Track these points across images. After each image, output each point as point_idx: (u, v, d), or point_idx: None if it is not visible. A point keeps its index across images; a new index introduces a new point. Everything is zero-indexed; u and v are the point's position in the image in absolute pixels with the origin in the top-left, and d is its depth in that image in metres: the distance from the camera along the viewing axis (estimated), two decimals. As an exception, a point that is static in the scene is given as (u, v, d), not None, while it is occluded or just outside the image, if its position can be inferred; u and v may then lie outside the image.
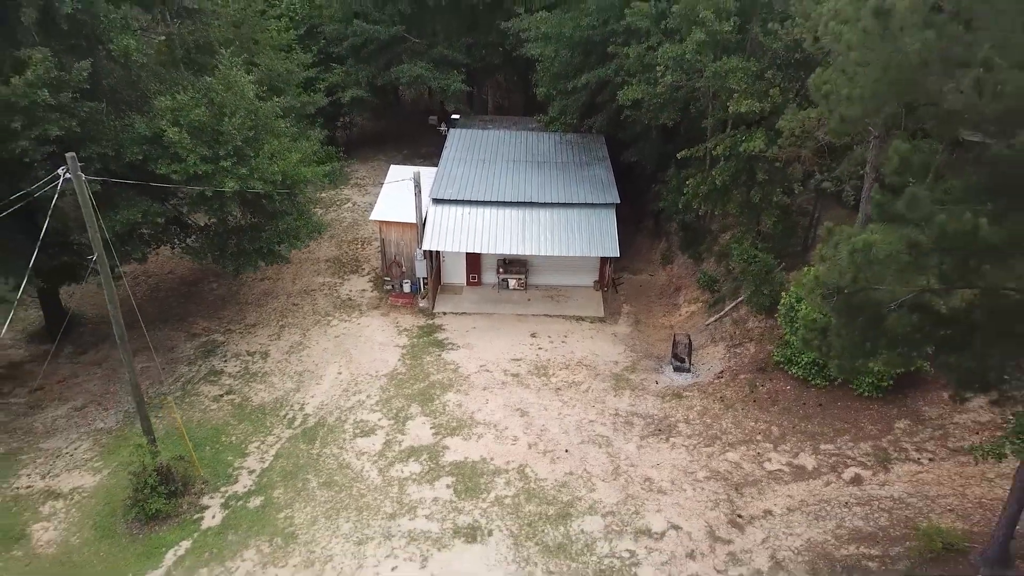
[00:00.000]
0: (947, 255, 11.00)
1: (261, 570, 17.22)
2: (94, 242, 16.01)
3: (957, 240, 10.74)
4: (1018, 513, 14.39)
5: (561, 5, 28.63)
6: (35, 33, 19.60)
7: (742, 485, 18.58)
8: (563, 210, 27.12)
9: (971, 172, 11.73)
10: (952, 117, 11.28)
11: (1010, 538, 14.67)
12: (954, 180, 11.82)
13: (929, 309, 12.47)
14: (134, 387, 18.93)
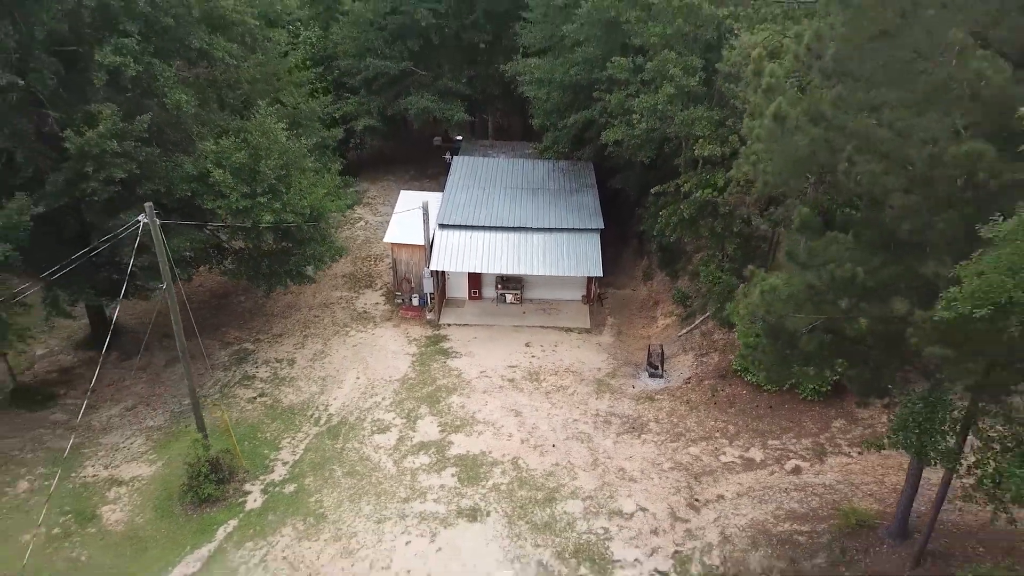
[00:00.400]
0: (837, 294, 14.34)
1: (297, 544, 20.58)
2: (164, 274, 19.40)
3: (843, 284, 14.09)
4: (913, 495, 17.73)
5: (551, 51, 32.01)
6: (103, 90, 23.01)
7: (700, 474, 21.95)
8: (553, 234, 30.53)
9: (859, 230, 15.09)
10: (839, 188, 14.68)
11: (908, 515, 18.01)
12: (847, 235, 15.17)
13: (837, 332, 15.80)
14: (192, 392, 22.31)
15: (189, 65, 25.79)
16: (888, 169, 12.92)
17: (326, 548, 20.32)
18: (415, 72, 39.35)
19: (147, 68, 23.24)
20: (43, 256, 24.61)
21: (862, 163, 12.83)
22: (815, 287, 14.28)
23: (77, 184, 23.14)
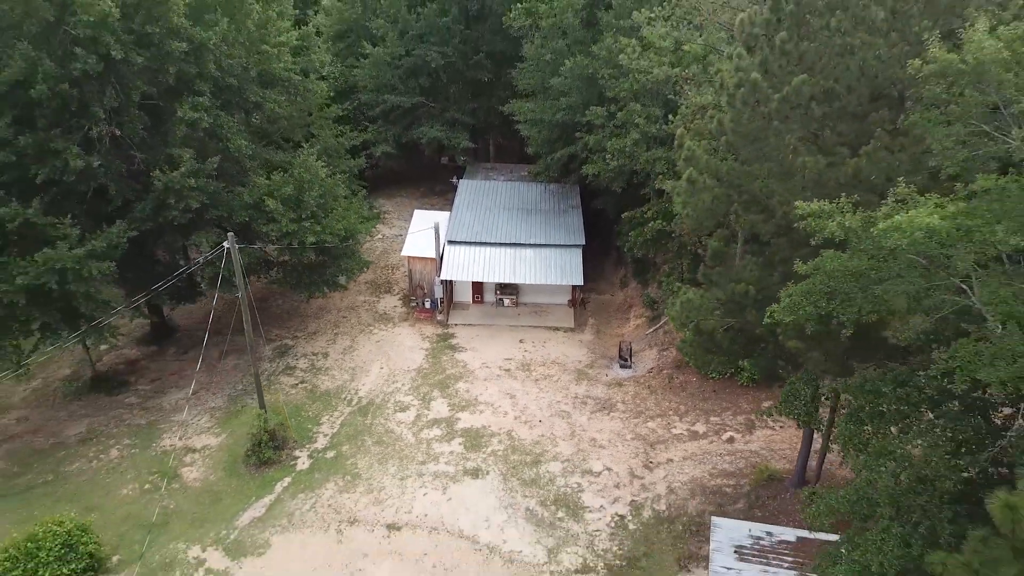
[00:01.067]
0: (735, 305, 19.84)
1: (338, 495, 26.15)
2: (240, 288, 24.97)
3: (740, 298, 19.58)
4: (807, 453, 23.26)
5: (542, 95, 37.51)
6: (183, 139, 28.57)
7: (655, 443, 27.50)
8: (543, 249, 36.09)
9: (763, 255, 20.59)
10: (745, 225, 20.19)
11: (804, 469, 23.54)
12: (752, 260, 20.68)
13: (743, 331, 21.32)
14: (256, 377, 27.97)
15: (245, 114, 31.36)
16: (764, 219, 18.49)
17: (361, 499, 25.90)
18: (426, 104, 44.86)
19: (215, 119, 28.84)
20: (130, 269, 30.35)
21: (745, 214, 18.36)
22: (721, 299, 19.85)
23: (161, 212, 28.74)
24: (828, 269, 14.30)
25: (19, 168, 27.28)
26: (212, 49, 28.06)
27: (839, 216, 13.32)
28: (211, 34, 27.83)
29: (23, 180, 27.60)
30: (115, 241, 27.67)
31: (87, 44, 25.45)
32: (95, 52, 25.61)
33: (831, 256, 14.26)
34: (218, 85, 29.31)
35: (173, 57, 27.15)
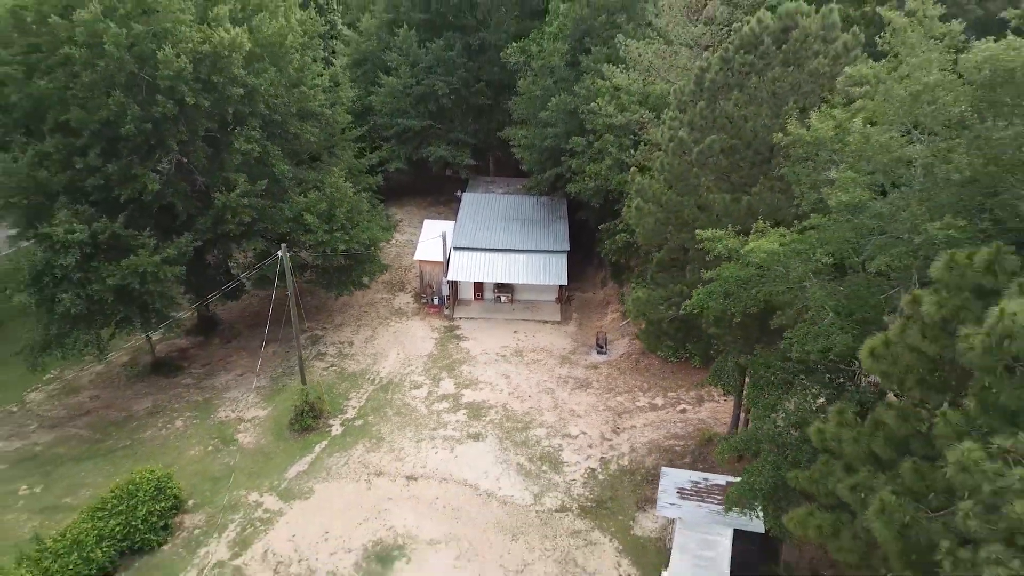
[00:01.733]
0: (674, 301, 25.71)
1: (366, 454, 32.07)
2: (290, 286, 30.89)
3: (676, 296, 25.43)
4: (737, 417, 29.20)
5: (533, 122, 43.36)
6: (238, 165, 34.48)
7: (622, 413, 33.46)
8: (533, 254, 42.02)
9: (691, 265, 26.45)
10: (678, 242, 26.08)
11: (736, 429, 29.47)
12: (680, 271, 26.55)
13: (685, 321, 27.18)
14: (300, 359, 33.92)
15: (286, 142, 37.26)
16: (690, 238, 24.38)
17: (384, 456, 31.86)
18: (434, 127, 50.74)
19: (263, 149, 34.76)
20: (188, 271, 36.28)
21: (678, 233, 24.29)
22: (663, 297, 25.79)
23: (219, 225, 34.68)
24: (724, 276, 20.22)
25: (106, 190, 33.28)
26: (262, 92, 34.00)
27: (725, 240, 19.24)
28: (262, 80, 33.78)
29: (108, 200, 33.62)
30: (184, 249, 33.65)
31: (166, 92, 31.36)
32: (172, 98, 31.53)
33: (727, 267, 20.19)
34: (265, 120, 35.27)
35: (232, 100, 33.11)
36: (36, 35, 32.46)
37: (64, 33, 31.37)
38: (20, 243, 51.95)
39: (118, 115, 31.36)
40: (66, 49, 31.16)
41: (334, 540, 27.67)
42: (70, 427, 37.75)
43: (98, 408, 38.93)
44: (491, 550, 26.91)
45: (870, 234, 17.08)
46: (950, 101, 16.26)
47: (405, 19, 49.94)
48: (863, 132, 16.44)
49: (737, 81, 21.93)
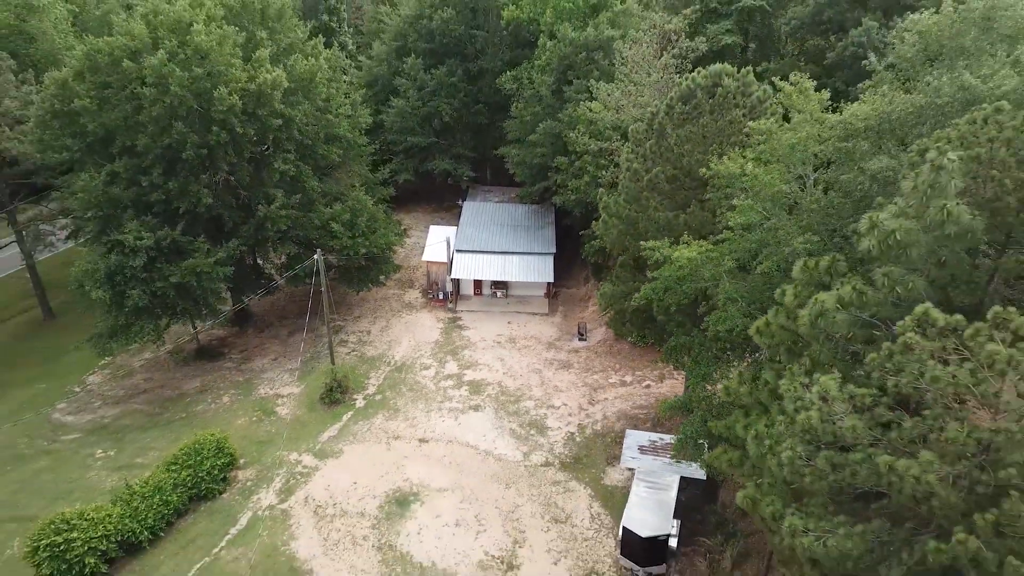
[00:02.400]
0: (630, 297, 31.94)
1: (385, 422, 38.31)
2: (323, 283, 37.09)
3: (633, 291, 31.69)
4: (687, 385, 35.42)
5: (524, 143, 49.55)
6: (276, 182, 40.63)
7: (596, 388, 39.74)
8: (525, 256, 48.24)
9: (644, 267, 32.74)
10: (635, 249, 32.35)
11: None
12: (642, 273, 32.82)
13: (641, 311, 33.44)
14: (330, 344, 40.16)
15: (314, 161, 43.42)
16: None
17: (400, 424, 38.10)
18: (437, 142, 56.91)
19: (297, 168, 40.93)
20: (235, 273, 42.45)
21: (634, 243, 30.52)
22: (625, 291, 32.05)
23: (259, 232, 40.85)
24: (663, 276, 26.47)
25: (166, 203, 39.45)
26: (297, 122, 40.16)
27: (661, 249, 25.50)
28: (297, 111, 39.96)
29: (168, 211, 39.79)
30: (231, 252, 39.87)
31: (219, 123, 37.50)
32: (224, 128, 37.68)
33: (665, 268, 26.44)
34: (299, 144, 41.43)
35: (272, 128, 39.27)
36: (108, 74, 38.58)
37: (134, 74, 37.54)
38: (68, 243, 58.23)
39: (179, 142, 37.51)
40: (135, 87, 37.32)
41: (361, 489, 33.94)
42: (131, 403, 43.98)
43: (153, 388, 45.18)
44: (488, 495, 33.19)
45: (763, 246, 23.34)
46: (816, 150, 22.55)
47: (412, 47, 56.07)
48: (753, 172, 22.69)
49: (677, 124, 28.16)
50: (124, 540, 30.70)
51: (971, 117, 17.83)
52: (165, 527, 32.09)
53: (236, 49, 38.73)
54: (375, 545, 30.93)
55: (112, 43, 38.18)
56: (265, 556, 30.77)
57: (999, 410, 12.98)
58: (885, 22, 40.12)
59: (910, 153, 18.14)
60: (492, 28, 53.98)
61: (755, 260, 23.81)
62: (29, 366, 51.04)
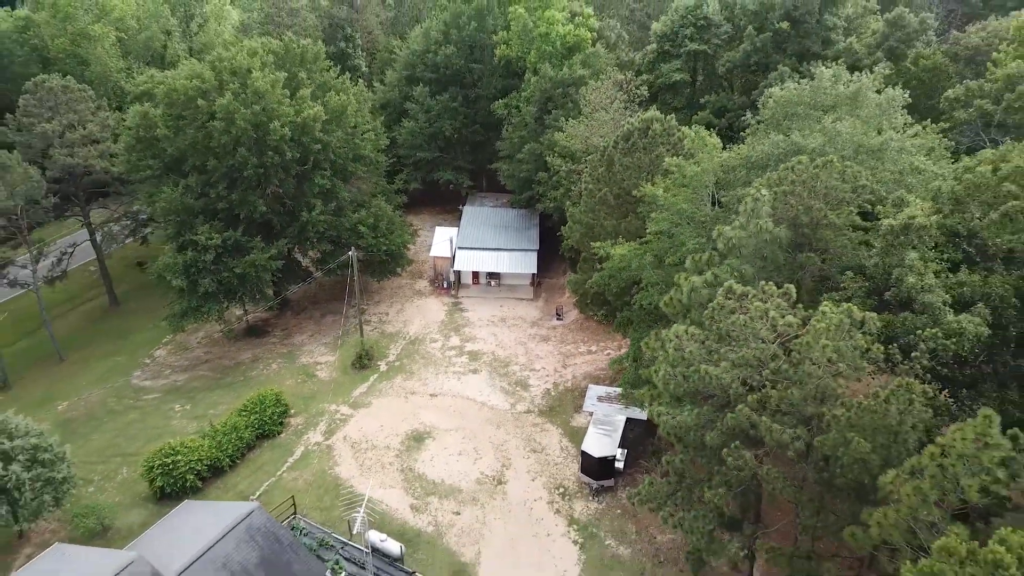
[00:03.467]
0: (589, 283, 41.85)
1: (403, 382, 48.27)
2: (355, 276, 46.99)
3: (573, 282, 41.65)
4: (637, 355, 45.43)
5: (513, 160, 59.33)
6: (315, 193, 50.44)
7: (569, 356, 49.77)
8: (514, 252, 58.14)
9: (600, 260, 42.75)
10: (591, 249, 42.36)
11: (636, 363, 45.74)
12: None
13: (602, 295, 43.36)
14: (360, 322, 50.11)
15: (344, 176, 53.25)
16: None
17: (415, 383, 48.05)
18: (441, 156, 66.68)
19: (331, 182, 50.79)
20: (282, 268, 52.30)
21: (592, 243, 40.46)
22: (583, 279, 41.98)
23: (302, 233, 50.72)
24: (609, 268, 36.37)
25: (228, 210, 49.25)
26: (332, 146, 49.98)
27: (605, 248, 35.41)
28: (332, 138, 49.77)
29: (230, 217, 49.59)
30: (280, 250, 49.74)
31: (273, 149, 47.30)
32: (276, 152, 47.48)
33: (608, 262, 36.34)
34: (332, 163, 51.28)
35: (313, 152, 49.09)
36: (183, 109, 48.35)
37: (205, 109, 47.30)
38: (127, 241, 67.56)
39: (241, 163, 47.31)
40: (205, 120, 47.09)
41: (387, 430, 43.90)
42: (196, 371, 53.89)
43: (212, 359, 55.08)
44: (483, 434, 43.17)
45: (670, 246, 33.28)
46: (709, 180, 32.50)
47: (420, 77, 65.75)
48: (665, 195, 32.61)
49: (622, 156, 38.05)
50: (211, 464, 40.65)
51: (786, 165, 27.79)
52: (240, 456, 42.09)
53: (284, 90, 48.49)
54: (399, 469, 40.94)
55: (186, 85, 47.93)
56: (316, 476, 40.76)
57: (765, 339, 22.94)
58: (797, 65, 50.00)
59: (749, 188, 28.11)
60: (487, 62, 63.70)
61: (666, 256, 33.75)
62: (103, 343, 60.97)
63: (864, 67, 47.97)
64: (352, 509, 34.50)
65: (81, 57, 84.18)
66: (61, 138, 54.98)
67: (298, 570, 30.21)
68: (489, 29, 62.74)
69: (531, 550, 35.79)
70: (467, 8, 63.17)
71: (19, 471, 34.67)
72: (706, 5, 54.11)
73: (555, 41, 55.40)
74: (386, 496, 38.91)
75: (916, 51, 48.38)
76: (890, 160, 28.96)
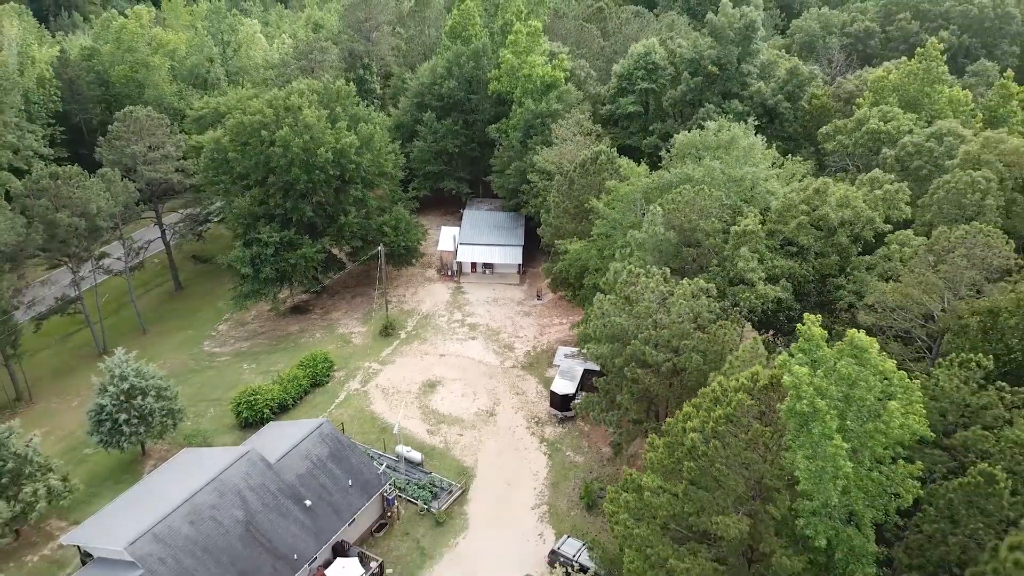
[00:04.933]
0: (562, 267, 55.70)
1: (419, 346, 62.14)
2: (382, 265, 60.81)
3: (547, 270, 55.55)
4: (595, 324, 59.47)
5: (503, 173, 73.01)
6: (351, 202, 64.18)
7: (545, 326, 63.69)
8: (504, 246, 71.96)
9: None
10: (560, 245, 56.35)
11: (594, 330, 59.76)
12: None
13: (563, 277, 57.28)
14: (385, 303, 64.05)
15: (371, 187, 66.99)
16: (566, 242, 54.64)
17: (428, 347, 61.91)
18: (446, 169, 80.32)
19: (362, 192, 64.58)
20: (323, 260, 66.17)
21: (559, 241, 54.34)
22: (552, 267, 55.91)
23: (340, 233, 64.55)
24: (568, 259, 50.21)
25: (283, 215, 63.06)
26: (363, 166, 63.72)
27: (565, 244, 49.26)
28: (363, 159, 63.52)
29: (284, 220, 63.40)
30: (324, 246, 63.59)
31: (319, 169, 61.03)
32: (321, 171, 61.21)
33: (566, 255, 50.17)
34: (363, 179, 65.04)
35: (348, 170, 62.84)
36: (248, 137, 62.03)
37: (266, 138, 60.95)
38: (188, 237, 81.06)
39: (294, 180, 61.01)
40: (266, 147, 60.76)
41: (407, 379, 57.80)
42: (256, 340, 67.79)
43: (266, 331, 69.00)
44: (480, 382, 57.11)
45: (608, 244, 47.12)
46: (636, 197, 46.37)
47: (428, 104, 79.28)
48: (604, 208, 46.43)
49: (579, 177, 51.84)
50: (280, 403, 54.55)
51: (676, 190, 41.61)
52: (299, 398, 55.98)
53: (327, 123, 62.17)
54: (417, 406, 54.88)
55: (251, 119, 61.59)
56: (356, 412, 54.67)
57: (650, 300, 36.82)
58: (721, 101, 63.78)
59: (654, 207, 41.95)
60: (482, 94, 77.25)
61: (605, 250, 47.61)
62: (174, 320, 74.92)
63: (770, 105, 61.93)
64: (384, 433, 48.65)
65: (139, 82, 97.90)
66: (145, 157, 68.61)
67: (355, 461, 44.19)
68: (484, 68, 76.32)
69: (513, 459, 49.73)
70: (466, 50, 76.71)
71: (152, 402, 48.58)
72: (654, 52, 67.76)
73: (535, 80, 69.00)
74: (409, 424, 52.83)
75: (810, 92, 62.22)
76: (747, 185, 42.76)
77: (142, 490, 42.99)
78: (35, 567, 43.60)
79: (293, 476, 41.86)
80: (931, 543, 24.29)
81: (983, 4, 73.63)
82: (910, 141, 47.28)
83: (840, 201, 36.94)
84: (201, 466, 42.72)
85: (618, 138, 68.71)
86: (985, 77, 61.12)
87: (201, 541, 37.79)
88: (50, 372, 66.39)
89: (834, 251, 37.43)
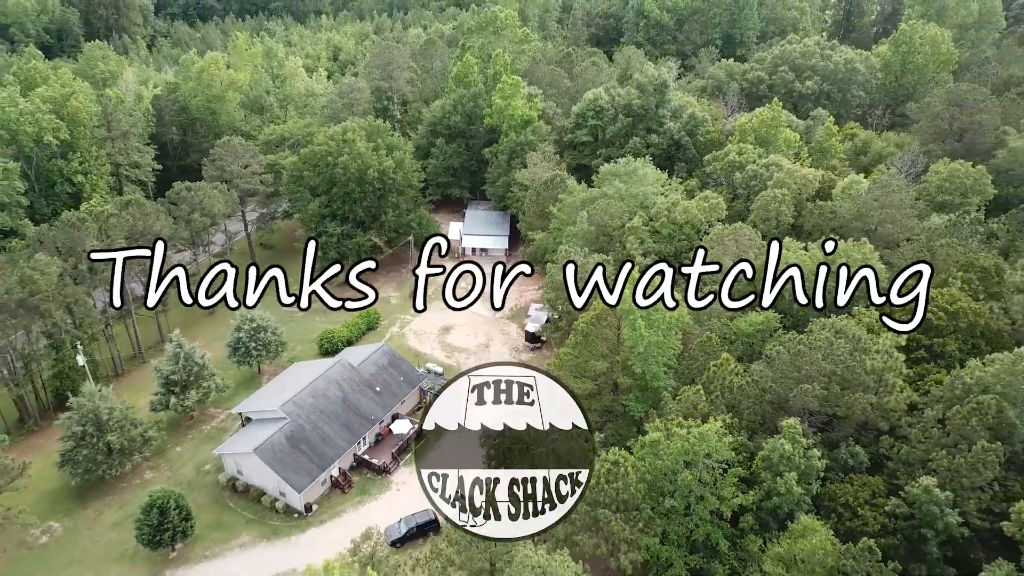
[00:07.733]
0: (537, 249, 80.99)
1: (439, 304, 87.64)
2: (412, 250, 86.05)
3: (527, 253, 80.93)
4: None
5: (495, 184, 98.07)
6: (389, 205, 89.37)
7: (524, 290, 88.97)
8: (496, 236, 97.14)
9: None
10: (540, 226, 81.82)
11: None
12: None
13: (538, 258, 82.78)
14: (415, 277, 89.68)
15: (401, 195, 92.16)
16: (542, 226, 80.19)
17: (442, 305, 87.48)
18: (453, 179, 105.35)
19: (397, 199, 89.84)
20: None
21: (538, 222, 79.80)
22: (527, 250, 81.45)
23: (381, 228, 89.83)
24: (536, 245, 75.57)
25: (343, 215, 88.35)
26: (397, 180, 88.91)
27: (535, 236, 74.68)
28: (397, 176, 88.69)
29: (343, 218, 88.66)
30: (372, 237, 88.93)
31: (370, 183, 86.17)
32: (370, 184, 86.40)
33: (535, 241, 75.60)
34: (397, 189, 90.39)
35: (387, 183, 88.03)
36: (316, 160, 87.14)
37: (332, 161, 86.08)
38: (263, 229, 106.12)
39: (352, 191, 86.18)
40: (331, 168, 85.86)
41: (429, 325, 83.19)
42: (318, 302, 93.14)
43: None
44: (479, 327, 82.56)
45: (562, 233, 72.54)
46: (578, 205, 71.95)
47: (439, 132, 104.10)
48: (557, 213, 71.84)
49: (544, 191, 77.22)
50: (347, 340, 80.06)
51: (598, 201, 67.07)
52: (358, 337, 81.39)
53: (371, 151, 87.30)
54: (438, 341, 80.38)
55: (320, 149, 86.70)
56: (398, 346, 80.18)
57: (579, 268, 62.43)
58: (644, 135, 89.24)
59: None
60: (479, 125, 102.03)
61: (557, 239, 72.96)
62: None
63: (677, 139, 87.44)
64: (417, 357, 74.34)
65: (213, 110, 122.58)
66: (239, 173, 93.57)
67: (404, 367, 69.81)
68: (480, 106, 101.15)
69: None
70: (467, 93, 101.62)
71: (270, 335, 74.06)
72: (601, 98, 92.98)
73: (517, 118, 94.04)
74: (433, 352, 78.36)
75: (704, 129, 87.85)
76: (640, 199, 68.00)
77: (276, 384, 68.48)
78: (208, 432, 69.11)
79: (368, 374, 67.44)
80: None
81: (838, 61, 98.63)
82: (751, 169, 72.82)
83: (684, 209, 62.28)
84: (310, 369, 68.30)
85: (576, 159, 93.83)
86: (820, 119, 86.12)
87: (319, 407, 63.31)
88: (180, 323, 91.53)
89: (683, 237, 62.91)
